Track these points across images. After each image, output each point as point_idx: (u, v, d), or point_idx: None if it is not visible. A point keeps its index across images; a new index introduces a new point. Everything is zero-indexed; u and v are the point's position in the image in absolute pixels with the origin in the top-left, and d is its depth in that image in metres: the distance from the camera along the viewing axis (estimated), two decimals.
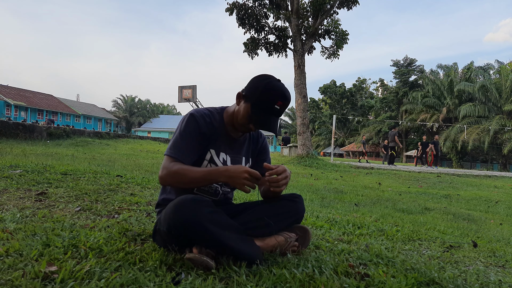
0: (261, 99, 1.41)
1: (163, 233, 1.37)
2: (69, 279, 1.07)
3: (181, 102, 30.88)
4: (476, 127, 29.36)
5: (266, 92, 1.41)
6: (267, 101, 1.41)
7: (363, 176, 8.84)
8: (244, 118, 1.45)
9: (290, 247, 1.52)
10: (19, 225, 1.61)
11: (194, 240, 1.29)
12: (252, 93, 1.44)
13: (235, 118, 1.50)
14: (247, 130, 1.51)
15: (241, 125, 1.49)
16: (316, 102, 50.79)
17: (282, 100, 1.41)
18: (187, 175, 1.36)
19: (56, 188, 2.76)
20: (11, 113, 33.10)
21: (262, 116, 1.42)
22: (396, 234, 2.24)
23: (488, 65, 35.17)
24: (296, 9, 12.50)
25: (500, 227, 3.46)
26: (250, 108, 1.43)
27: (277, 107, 1.41)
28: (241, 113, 1.46)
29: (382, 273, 1.36)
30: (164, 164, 1.41)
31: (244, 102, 1.46)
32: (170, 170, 1.38)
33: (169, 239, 1.37)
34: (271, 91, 1.41)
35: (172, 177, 1.37)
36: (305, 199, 3.89)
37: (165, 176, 1.38)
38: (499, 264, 1.81)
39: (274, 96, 1.41)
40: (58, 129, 10.77)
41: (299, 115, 12.63)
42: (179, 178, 1.37)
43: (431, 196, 5.68)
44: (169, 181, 1.39)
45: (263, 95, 1.41)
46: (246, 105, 1.45)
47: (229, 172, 1.31)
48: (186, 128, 1.45)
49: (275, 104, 1.41)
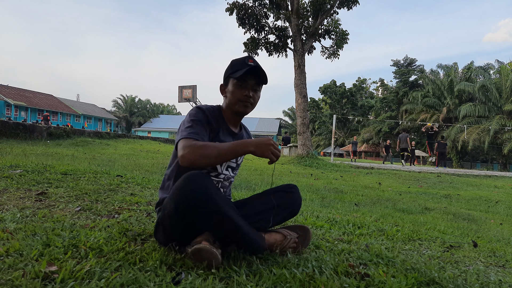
0: (234, 66, 1.54)
1: (167, 218, 1.34)
2: (69, 279, 1.07)
3: (181, 102, 30.87)
4: (476, 127, 29.34)
5: (233, 62, 1.56)
6: (239, 64, 1.53)
7: (363, 176, 8.83)
8: (236, 91, 1.52)
9: (290, 243, 1.52)
10: (19, 225, 1.61)
11: (202, 219, 1.27)
12: (225, 74, 1.57)
13: (230, 103, 1.55)
14: (245, 101, 1.53)
15: (237, 101, 1.53)
16: (316, 102, 50.78)
17: (250, 58, 1.54)
18: (216, 147, 1.33)
19: (56, 188, 2.76)
20: (11, 113, 33.10)
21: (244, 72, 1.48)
22: (396, 234, 2.24)
23: (488, 65, 35.13)
24: (296, 9, 12.49)
25: (500, 227, 3.46)
26: (232, 80, 1.53)
27: (251, 63, 1.52)
28: (230, 91, 1.54)
29: (382, 273, 1.36)
30: (184, 144, 1.34)
31: (226, 85, 1.58)
32: (195, 145, 1.32)
33: (172, 227, 1.34)
34: (237, 59, 1.57)
35: (199, 151, 1.30)
36: (305, 199, 3.89)
37: (191, 153, 1.30)
38: (499, 264, 1.81)
39: (241, 59, 1.55)
40: (58, 129, 10.77)
41: (299, 115, 12.63)
42: (206, 151, 1.30)
43: (431, 196, 5.68)
44: (194, 158, 1.30)
45: (232, 65, 1.55)
46: (229, 83, 1.55)
47: (258, 141, 1.34)
48: (196, 116, 1.45)
49: (247, 63, 1.52)
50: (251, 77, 1.52)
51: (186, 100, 30.24)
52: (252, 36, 13.51)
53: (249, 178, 5.69)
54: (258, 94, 1.58)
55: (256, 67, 1.50)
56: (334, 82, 48.01)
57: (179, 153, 1.33)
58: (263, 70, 1.52)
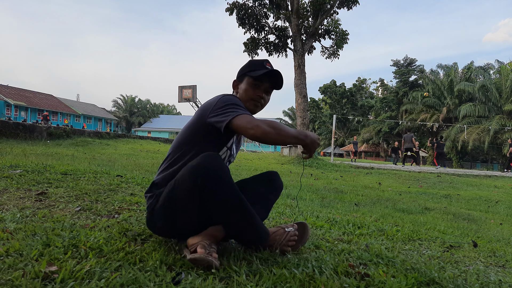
0: (252, 66, 1.57)
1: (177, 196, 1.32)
2: (69, 279, 1.07)
3: (181, 102, 30.85)
4: (476, 127, 29.33)
5: (252, 62, 1.59)
6: (257, 65, 1.56)
7: (363, 176, 8.83)
8: (249, 89, 1.54)
9: (290, 236, 1.50)
10: (19, 225, 1.61)
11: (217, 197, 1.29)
12: (242, 71, 1.59)
13: (243, 100, 1.54)
14: (258, 101, 1.56)
15: (249, 99, 1.54)
16: (316, 102, 50.78)
17: (267, 61, 1.58)
18: (284, 127, 1.34)
19: (56, 188, 2.76)
20: (11, 113, 33.10)
21: (263, 73, 1.51)
22: (396, 234, 2.24)
23: (488, 65, 35.15)
24: (296, 9, 12.49)
25: (500, 227, 3.46)
26: (248, 78, 1.55)
27: (268, 67, 1.56)
28: (244, 88, 1.55)
29: (382, 273, 1.36)
30: (249, 118, 1.33)
31: (240, 82, 1.59)
32: (263, 120, 1.33)
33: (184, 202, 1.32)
34: (256, 60, 1.60)
35: (271, 125, 1.31)
36: (305, 199, 3.89)
37: (263, 125, 1.30)
38: (499, 264, 1.81)
39: (259, 61, 1.58)
40: (58, 129, 10.77)
41: (299, 115, 12.63)
42: (278, 128, 1.31)
43: (431, 196, 5.68)
44: (267, 130, 1.29)
45: (251, 64, 1.58)
46: (244, 81, 1.57)
47: (315, 137, 1.42)
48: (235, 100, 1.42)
49: (265, 65, 1.56)
50: (267, 80, 1.55)
51: (186, 100, 30.22)
52: (252, 36, 13.52)
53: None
54: (268, 97, 1.61)
55: (275, 71, 1.54)
56: (334, 82, 48.01)
57: (249, 125, 1.30)
58: (281, 75, 1.56)
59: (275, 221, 2.27)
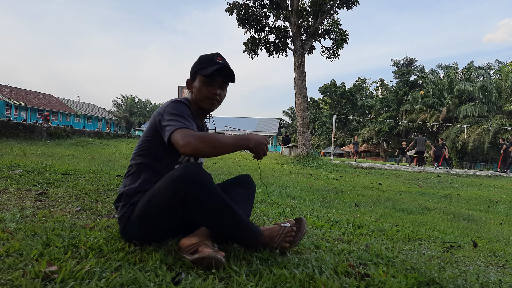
0: (202, 64, 1.53)
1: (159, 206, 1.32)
2: (69, 279, 1.07)
3: None
4: (476, 127, 29.33)
5: (201, 58, 1.56)
6: (207, 61, 1.53)
7: (363, 176, 8.83)
8: (203, 88, 1.52)
9: (286, 233, 1.48)
10: (19, 225, 1.61)
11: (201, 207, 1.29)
12: (193, 70, 1.57)
13: (197, 99, 1.55)
14: (213, 99, 1.54)
15: (204, 98, 1.53)
16: (316, 102, 50.79)
17: (219, 55, 1.55)
18: (219, 138, 1.32)
19: (56, 188, 2.76)
20: (11, 113, 33.09)
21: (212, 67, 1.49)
22: (396, 234, 2.24)
23: (488, 65, 35.15)
24: (296, 9, 12.49)
25: (500, 227, 3.46)
26: (200, 76, 1.53)
27: (219, 61, 1.53)
28: (198, 88, 1.54)
29: (382, 273, 1.36)
30: (185, 133, 1.31)
31: (193, 81, 1.57)
32: (197, 135, 1.30)
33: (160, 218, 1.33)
34: (205, 56, 1.56)
35: (205, 141, 1.29)
36: (305, 199, 3.89)
37: (196, 141, 1.28)
38: (499, 264, 1.81)
39: (209, 56, 1.55)
40: (58, 129, 10.77)
41: (299, 115, 12.63)
42: (211, 141, 1.30)
43: (431, 196, 5.68)
44: (200, 146, 1.28)
45: (201, 61, 1.55)
46: (196, 80, 1.55)
47: (258, 138, 1.40)
48: (181, 109, 1.42)
49: (215, 60, 1.53)
50: (219, 76, 1.53)
51: None
52: (252, 36, 13.51)
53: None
54: (225, 92, 1.60)
55: (225, 66, 1.52)
56: (334, 82, 48.01)
57: (183, 142, 1.28)
58: (231, 69, 1.55)
59: (275, 221, 2.27)
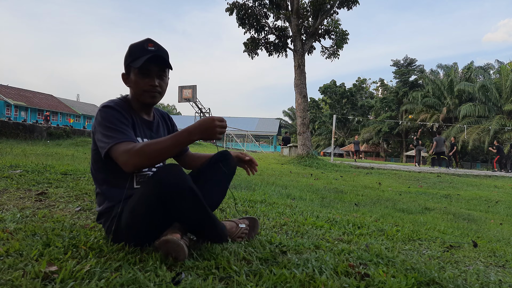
0: (132, 53, 1.42)
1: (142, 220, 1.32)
2: (69, 279, 1.07)
3: (181, 102, 30.82)
4: (476, 127, 29.34)
5: (131, 48, 1.43)
6: (138, 49, 1.41)
7: (363, 176, 8.83)
8: (139, 81, 1.42)
9: (240, 233, 1.63)
10: (19, 225, 1.61)
11: (183, 208, 1.30)
12: (125, 62, 1.45)
13: (136, 94, 1.45)
14: (152, 92, 1.44)
15: (143, 91, 1.43)
16: (316, 102, 50.80)
17: (149, 41, 1.43)
18: (157, 144, 1.25)
19: (56, 188, 2.76)
20: (11, 113, 33.10)
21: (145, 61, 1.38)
22: (396, 234, 2.24)
23: (488, 65, 35.17)
24: (296, 9, 12.49)
25: (500, 227, 3.46)
26: (134, 70, 1.41)
27: (151, 48, 1.41)
28: (134, 81, 1.43)
29: (382, 273, 1.36)
30: (122, 150, 1.26)
31: (128, 75, 1.46)
32: (133, 149, 1.25)
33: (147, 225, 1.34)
34: (135, 44, 1.44)
35: (141, 155, 1.24)
36: (305, 199, 3.89)
37: (134, 157, 1.24)
38: (499, 264, 1.81)
39: (140, 44, 1.43)
40: (58, 129, 10.78)
41: (299, 115, 12.63)
42: (149, 152, 1.24)
43: (431, 196, 5.68)
44: (139, 161, 1.24)
45: (131, 52, 1.42)
46: (131, 73, 1.44)
47: (201, 126, 1.24)
48: (110, 117, 1.34)
49: (146, 47, 1.41)
50: (153, 65, 1.41)
51: (186, 100, 30.21)
52: (252, 36, 13.51)
53: (249, 178, 5.69)
54: (165, 81, 1.49)
55: (156, 54, 1.40)
56: (334, 82, 48.03)
57: (120, 160, 1.26)
58: (164, 55, 1.43)
59: (275, 221, 2.27)
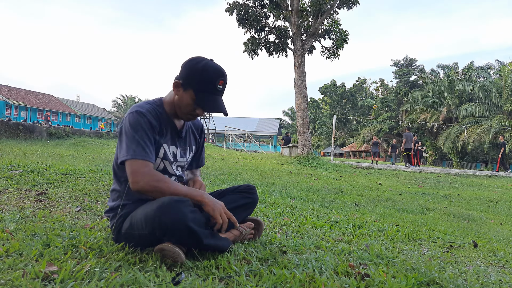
0: (203, 82, 1.40)
1: (140, 236, 1.35)
2: (69, 279, 1.07)
3: None
4: (476, 127, 29.32)
5: (205, 74, 1.40)
6: (209, 82, 1.40)
7: (363, 176, 8.83)
8: (190, 105, 1.43)
9: (246, 237, 1.67)
10: (19, 225, 1.61)
11: (178, 239, 1.31)
12: (191, 78, 1.41)
13: (178, 107, 1.47)
14: (194, 117, 1.49)
15: (186, 113, 1.46)
16: (316, 102, 50.77)
17: (223, 79, 1.43)
18: (171, 189, 1.33)
19: (56, 188, 2.76)
20: (11, 113, 33.07)
21: (208, 99, 1.42)
22: (396, 234, 2.24)
23: (488, 65, 35.14)
24: (296, 9, 12.49)
25: (500, 227, 3.46)
26: (193, 94, 1.41)
27: (220, 87, 1.43)
28: (185, 101, 1.43)
29: (382, 273, 1.36)
30: (134, 168, 1.32)
31: (183, 90, 1.43)
32: (148, 177, 1.31)
33: (145, 240, 1.36)
34: (210, 72, 1.40)
35: (152, 185, 1.31)
36: (305, 199, 3.89)
37: (146, 184, 1.31)
38: (500, 264, 1.81)
39: (214, 76, 1.41)
40: (58, 129, 10.78)
41: (299, 115, 12.63)
42: (162, 190, 1.32)
43: (431, 196, 5.68)
44: (148, 189, 1.32)
45: (203, 77, 1.40)
46: (188, 92, 1.42)
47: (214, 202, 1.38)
48: (138, 125, 1.37)
49: (217, 84, 1.42)
50: None
51: None
52: (252, 36, 13.50)
53: (250, 178, 5.70)
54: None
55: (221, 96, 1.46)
56: (334, 82, 48.00)
57: (132, 177, 1.31)
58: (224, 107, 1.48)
59: (275, 221, 2.27)
